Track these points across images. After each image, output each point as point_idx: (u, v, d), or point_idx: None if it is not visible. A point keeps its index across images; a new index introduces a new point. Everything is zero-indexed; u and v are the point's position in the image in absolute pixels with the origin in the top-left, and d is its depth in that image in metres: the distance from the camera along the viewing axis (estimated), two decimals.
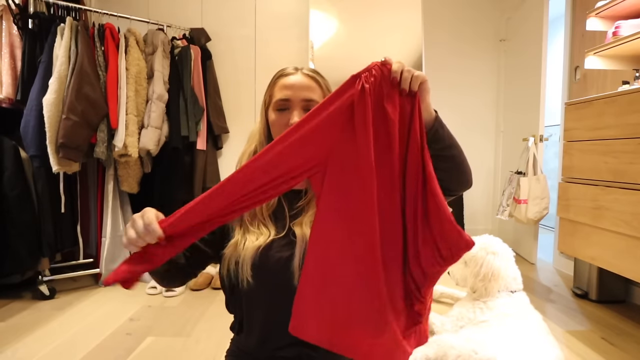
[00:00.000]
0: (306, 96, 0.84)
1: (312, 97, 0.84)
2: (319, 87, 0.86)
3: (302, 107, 0.83)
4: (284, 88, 0.84)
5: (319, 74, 0.88)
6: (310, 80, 0.86)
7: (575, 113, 1.91)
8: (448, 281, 2.05)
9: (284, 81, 0.85)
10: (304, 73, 0.86)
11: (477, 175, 3.67)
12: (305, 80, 0.85)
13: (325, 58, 2.88)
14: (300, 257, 0.78)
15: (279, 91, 0.85)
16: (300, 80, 0.85)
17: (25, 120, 2.09)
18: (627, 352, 1.62)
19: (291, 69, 0.87)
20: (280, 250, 0.80)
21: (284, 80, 0.85)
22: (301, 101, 0.83)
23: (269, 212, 0.86)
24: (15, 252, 2.06)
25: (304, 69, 0.87)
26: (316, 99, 0.84)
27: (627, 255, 1.56)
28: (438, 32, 3.51)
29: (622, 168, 1.59)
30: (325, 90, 0.87)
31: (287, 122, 0.82)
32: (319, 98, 0.84)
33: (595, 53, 1.93)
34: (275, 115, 0.85)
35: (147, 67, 2.49)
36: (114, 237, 2.43)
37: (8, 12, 2.15)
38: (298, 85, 0.84)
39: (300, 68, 0.88)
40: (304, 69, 0.87)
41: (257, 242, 0.81)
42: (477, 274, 1.60)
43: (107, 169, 2.45)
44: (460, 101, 3.62)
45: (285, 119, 0.83)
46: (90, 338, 1.73)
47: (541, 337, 1.37)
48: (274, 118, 0.85)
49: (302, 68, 0.88)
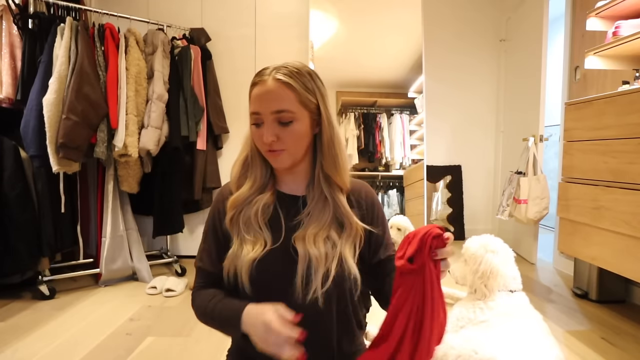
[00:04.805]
0: (276, 107, 0.76)
1: (282, 108, 0.76)
2: (292, 91, 0.77)
3: (274, 120, 0.77)
4: (255, 99, 0.78)
5: (295, 74, 0.78)
6: (280, 87, 0.76)
7: (575, 113, 1.91)
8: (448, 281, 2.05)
9: (255, 91, 0.78)
10: (275, 78, 0.77)
11: (477, 175, 3.67)
12: (274, 88, 0.76)
13: (325, 58, 2.88)
14: (302, 274, 0.76)
15: (252, 103, 0.79)
16: (269, 89, 0.76)
17: (25, 120, 2.09)
18: (627, 352, 1.62)
19: (266, 73, 0.78)
20: (277, 264, 0.79)
21: (255, 90, 0.78)
22: (271, 114, 0.77)
23: (265, 220, 0.82)
24: (15, 252, 2.06)
25: (278, 72, 0.77)
26: (288, 108, 0.76)
27: (627, 255, 1.56)
28: (438, 32, 3.51)
29: (622, 168, 1.59)
30: (303, 92, 0.78)
31: (261, 137, 0.77)
32: (292, 106, 0.77)
33: (595, 53, 1.92)
34: (252, 129, 0.80)
35: (147, 67, 2.49)
36: (114, 237, 2.43)
37: (8, 12, 2.15)
38: (266, 96, 0.77)
39: (274, 69, 0.78)
40: (278, 72, 0.77)
41: (253, 253, 0.78)
42: (475, 272, 1.60)
43: (107, 169, 2.45)
44: (460, 101, 3.63)
45: (260, 133, 0.78)
46: (90, 338, 1.73)
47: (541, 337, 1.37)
48: (252, 131, 0.81)
49: (277, 69, 0.78)
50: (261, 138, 0.78)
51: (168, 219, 2.67)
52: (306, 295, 0.76)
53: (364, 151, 2.94)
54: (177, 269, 2.68)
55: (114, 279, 2.45)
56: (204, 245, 0.88)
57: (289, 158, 0.81)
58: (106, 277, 2.40)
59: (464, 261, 1.72)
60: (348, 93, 2.92)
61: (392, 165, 2.93)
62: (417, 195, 2.82)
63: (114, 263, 2.42)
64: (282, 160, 0.80)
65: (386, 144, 2.93)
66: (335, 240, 0.80)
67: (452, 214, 3.59)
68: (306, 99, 0.79)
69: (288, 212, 0.84)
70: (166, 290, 2.29)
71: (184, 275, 2.66)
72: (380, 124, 2.95)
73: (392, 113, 2.93)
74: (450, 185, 3.63)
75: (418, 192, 2.81)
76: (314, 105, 0.80)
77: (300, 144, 0.80)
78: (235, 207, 0.83)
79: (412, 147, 2.92)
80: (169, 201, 2.63)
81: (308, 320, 0.75)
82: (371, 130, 2.95)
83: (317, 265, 0.77)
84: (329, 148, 0.82)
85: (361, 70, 2.93)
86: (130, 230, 2.55)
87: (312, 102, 0.80)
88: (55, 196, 2.24)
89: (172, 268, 2.72)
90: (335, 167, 0.83)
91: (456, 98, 3.62)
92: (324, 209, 0.82)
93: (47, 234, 2.18)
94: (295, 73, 0.78)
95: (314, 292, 0.76)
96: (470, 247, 1.70)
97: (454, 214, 3.59)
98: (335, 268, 0.77)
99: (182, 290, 2.34)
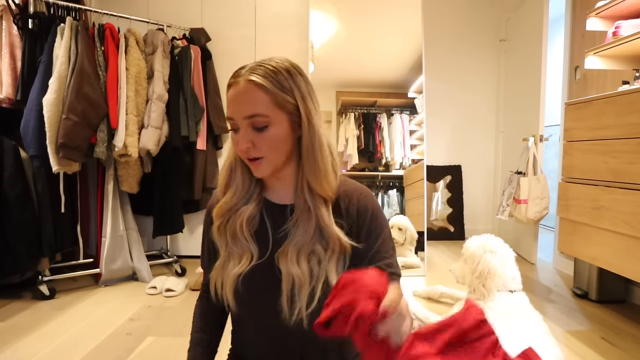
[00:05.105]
0: (248, 112, 0.70)
1: (254, 112, 0.70)
2: (265, 93, 0.70)
3: (247, 125, 0.71)
4: (229, 103, 0.72)
5: (269, 73, 0.71)
6: (252, 89, 0.70)
7: (575, 113, 1.91)
8: (448, 281, 2.05)
9: (229, 94, 0.73)
10: (246, 80, 0.70)
11: (477, 175, 3.67)
12: (245, 90, 0.70)
13: (325, 58, 2.88)
14: (287, 294, 0.73)
15: (227, 107, 0.74)
16: (240, 92, 0.70)
17: (25, 120, 2.09)
18: (627, 352, 1.62)
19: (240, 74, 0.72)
20: (262, 281, 0.76)
21: (229, 93, 0.72)
22: (244, 119, 0.71)
23: (251, 232, 0.78)
24: (15, 252, 2.06)
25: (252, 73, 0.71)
26: (261, 112, 0.70)
27: (627, 255, 1.56)
28: (438, 32, 3.51)
29: (622, 168, 1.59)
30: (278, 93, 0.71)
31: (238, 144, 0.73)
32: (266, 109, 0.70)
33: (595, 53, 1.92)
34: (231, 134, 0.76)
35: (147, 67, 2.49)
36: (114, 237, 2.43)
37: (8, 12, 2.15)
38: (238, 99, 0.71)
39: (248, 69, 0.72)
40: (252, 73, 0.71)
41: (238, 268, 0.76)
42: (474, 271, 1.61)
43: (107, 169, 2.45)
44: (460, 101, 3.63)
45: (237, 140, 0.73)
46: (90, 338, 1.73)
47: (541, 337, 1.37)
48: (231, 137, 0.76)
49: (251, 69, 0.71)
50: (237, 143, 0.73)
51: (168, 219, 2.67)
52: (291, 315, 0.73)
53: (364, 151, 2.94)
54: (177, 269, 2.68)
55: (114, 279, 2.45)
56: (202, 248, 0.89)
57: (269, 166, 0.75)
58: (106, 277, 2.40)
59: (464, 261, 1.72)
60: (348, 93, 2.92)
61: (392, 165, 2.93)
62: (417, 195, 2.82)
63: (114, 263, 2.42)
64: (262, 170, 0.75)
65: (386, 144, 2.93)
66: (320, 255, 0.74)
67: (452, 214, 3.59)
68: (282, 100, 0.71)
69: (275, 222, 0.79)
70: (166, 290, 2.29)
71: (184, 275, 2.66)
72: (380, 124, 2.95)
73: (392, 113, 2.93)
74: (450, 185, 3.63)
75: (418, 192, 2.81)
76: (292, 106, 0.73)
77: (279, 150, 0.74)
78: (221, 216, 0.80)
79: (412, 147, 2.92)
80: (169, 201, 2.63)
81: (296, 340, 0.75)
82: (371, 130, 2.94)
83: (301, 285, 0.73)
84: (308, 153, 0.75)
85: (361, 70, 2.93)
86: (130, 230, 2.55)
87: (290, 103, 0.72)
88: (55, 196, 2.24)
89: (172, 268, 2.72)
90: (314, 174, 0.75)
91: (456, 98, 3.62)
92: (308, 220, 0.75)
93: (47, 234, 2.18)
94: (270, 72, 0.71)
95: (298, 312, 0.72)
96: (469, 246, 1.70)
97: (454, 214, 3.59)
98: (321, 288, 0.72)
99: (182, 290, 2.34)
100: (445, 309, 1.80)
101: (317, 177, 0.75)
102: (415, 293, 2.21)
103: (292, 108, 0.73)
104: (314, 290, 0.73)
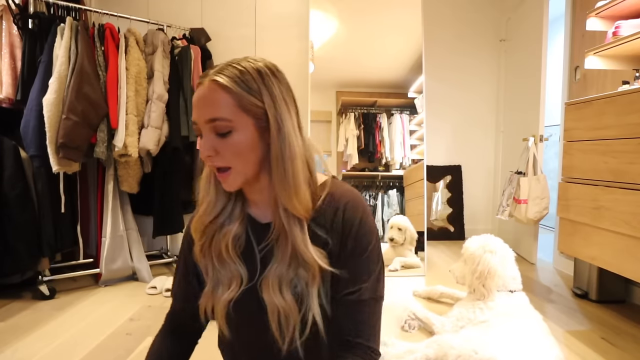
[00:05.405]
0: (209, 115, 0.65)
1: (215, 115, 0.64)
2: (229, 95, 0.64)
3: (210, 130, 0.66)
4: (193, 105, 0.68)
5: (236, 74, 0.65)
6: (215, 90, 0.65)
7: (575, 113, 1.91)
8: (448, 281, 2.05)
9: (194, 95, 0.68)
10: (210, 80, 0.65)
11: (477, 175, 3.67)
12: (208, 92, 0.65)
13: (325, 58, 2.88)
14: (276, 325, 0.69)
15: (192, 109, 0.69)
16: (203, 94, 0.66)
17: (25, 120, 2.09)
18: (627, 352, 1.62)
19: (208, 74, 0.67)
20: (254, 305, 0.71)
21: (194, 94, 0.68)
22: (205, 123, 0.66)
23: (238, 253, 0.73)
24: (15, 252, 2.06)
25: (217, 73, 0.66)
26: (222, 115, 0.64)
27: (627, 255, 1.56)
28: (438, 32, 3.51)
29: (622, 168, 1.59)
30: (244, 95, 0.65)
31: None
32: (229, 112, 0.64)
33: (595, 53, 1.92)
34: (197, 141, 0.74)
35: (147, 67, 2.49)
36: (114, 237, 2.43)
37: (8, 12, 2.15)
38: (201, 102, 0.66)
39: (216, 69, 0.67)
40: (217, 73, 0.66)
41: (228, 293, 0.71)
42: (474, 272, 1.61)
43: (107, 169, 2.45)
44: (460, 101, 3.63)
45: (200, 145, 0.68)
46: (90, 338, 1.73)
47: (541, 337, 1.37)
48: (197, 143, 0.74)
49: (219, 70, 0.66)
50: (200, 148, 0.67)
51: (168, 219, 2.67)
52: (284, 344, 0.69)
53: (364, 151, 2.94)
54: None
55: (114, 279, 2.45)
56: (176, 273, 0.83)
57: (238, 177, 0.68)
58: (106, 277, 2.40)
59: (464, 261, 1.72)
60: (348, 93, 2.92)
61: (392, 165, 2.93)
62: (417, 195, 2.82)
63: (114, 263, 2.42)
64: (231, 182, 0.68)
65: (386, 144, 2.93)
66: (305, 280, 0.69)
67: (452, 214, 3.59)
68: (248, 103, 0.65)
69: (259, 241, 0.73)
70: (166, 290, 2.29)
71: None
72: (380, 124, 2.95)
73: (392, 113, 2.93)
74: (450, 185, 3.63)
75: (418, 192, 2.81)
76: (260, 110, 0.66)
77: (245, 159, 0.67)
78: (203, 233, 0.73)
79: (412, 147, 2.92)
80: (169, 201, 2.63)
81: None
82: (371, 130, 2.94)
83: (287, 316, 0.68)
84: (277, 163, 0.67)
85: (361, 70, 2.93)
86: (130, 230, 2.55)
87: (257, 106, 0.66)
88: (55, 196, 2.24)
89: (172, 268, 2.72)
90: (283, 188, 0.67)
91: (456, 98, 3.62)
92: (285, 243, 0.68)
93: (47, 234, 2.18)
94: (238, 72, 0.65)
95: (290, 342, 0.69)
96: (469, 247, 1.71)
97: (454, 214, 3.59)
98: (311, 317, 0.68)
99: None
100: (446, 309, 1.80)
101: (287, 192, 0.67)
102: (415, 293, 2.21)
103: (260, 112, 0.66)
104: (305, 317, 0.68)
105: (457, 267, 1.77)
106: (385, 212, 2.90)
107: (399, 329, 1.78)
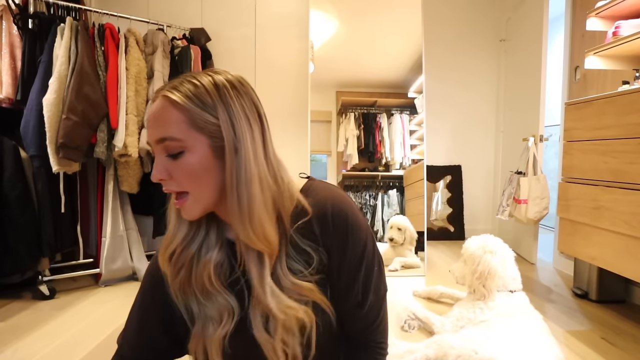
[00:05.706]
0: (159, 135, 0.60)
1: (165, 135, 0.59)
2: (180, 112, 0.58)
3: (161, 150, 0.61)
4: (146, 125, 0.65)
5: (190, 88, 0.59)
6: (165, 107, 0.59)
7: (575, 113, 1.91)
8: (448, 281, 2.05)
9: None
10: (163, 96, 0.60)
11: (477, 175, 3.67)
12: (158, 109, 0.59)
13: (325, 58, 2.88)
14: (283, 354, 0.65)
15: None
16: (153, 112, 0.60)
17: (25, 120, 2.09)
18: (627, 352, 1.62)
19: (162, 88, 0.62)
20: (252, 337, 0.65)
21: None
22: (156, 144, 0.61)
23: (224, 282, 0.66)
24: (15, 252, 2.06)
25: (170, 89, 0.60)
26: (172, 134, 0.58)
27: (627, 255, 1.56)
28: (438, 32, 3.51)
29: (622, 168, 1.59)
30: (197, 111, 0.59)
31: None
32: (179, 131, 0.58)
33: (595, 53, 1.92)
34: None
35: (147, 67, 2.49)
36: (114, 237, 2.43)
37: (8, 12, 2.15)
38: (151, 120, 0.60)
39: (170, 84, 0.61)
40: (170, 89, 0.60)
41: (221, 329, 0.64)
42: (474, 272, 1.61)
43: (107, 169, 2.45)
44: (460, 101, 3.63)
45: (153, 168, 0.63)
46: (90, 338, 1.73)
47: (541, 337, 1.37)
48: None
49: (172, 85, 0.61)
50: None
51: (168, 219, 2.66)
52: None
53: (364, 151, 2.94)
54: None
55: (114, 279, 2.45)
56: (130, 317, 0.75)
57: (196, 204, 0.62)
58: (106, 277, 2.40)
59: (464, 261, 1.72)
60: (348, 93, 2.92)
61: (392, 165, 2.93)
62: (417, 195, 2.82)
63: (114, 263, 2.42)
64: (189, 209, 0.63)
65: (386, 144, 2.93)
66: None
67: (452, 214, 3.59)
68: (201, 120, 0.59)
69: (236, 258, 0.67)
70: None
71: None
72: (380, 124, 2.95)
73: (392, 113, 2.93)
74: (450, 185, 3.63)
75: (418, 192, 2.81)
76: (215, 128, 0.59)
77: (200, 182, 0.60)
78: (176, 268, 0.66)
79: (412, 147, 2.92)
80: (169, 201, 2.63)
81: None
82: (371, 130, 2.94)
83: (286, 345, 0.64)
84: (231, 188, 0.60)
85: (361, 70, 2.93)
86: (130, 230, 2.55)
87: (212, 124, 0.59)
88: (55, 196, 2.24)
89: None
90: (236, 216, 0.60)
91: (456, 98, 3.62)
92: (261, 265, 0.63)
93: (47, 234, 2.18)
94: (192, 86, 0.59)
95: None
96: (469, 247, 1.71)
97: (454, 214, 3.59)
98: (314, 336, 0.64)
99: None
100: (446, 309, 1.80)
101: (241, 222, 0.60)
102: (415, 293, 2.21)
103: (215, 130, 0.60)
104: (309, 339, 0.64)
105: (457, 267, 1.77)
106: (385, 212, 2.90)
107: (399, 329, 1.78)
